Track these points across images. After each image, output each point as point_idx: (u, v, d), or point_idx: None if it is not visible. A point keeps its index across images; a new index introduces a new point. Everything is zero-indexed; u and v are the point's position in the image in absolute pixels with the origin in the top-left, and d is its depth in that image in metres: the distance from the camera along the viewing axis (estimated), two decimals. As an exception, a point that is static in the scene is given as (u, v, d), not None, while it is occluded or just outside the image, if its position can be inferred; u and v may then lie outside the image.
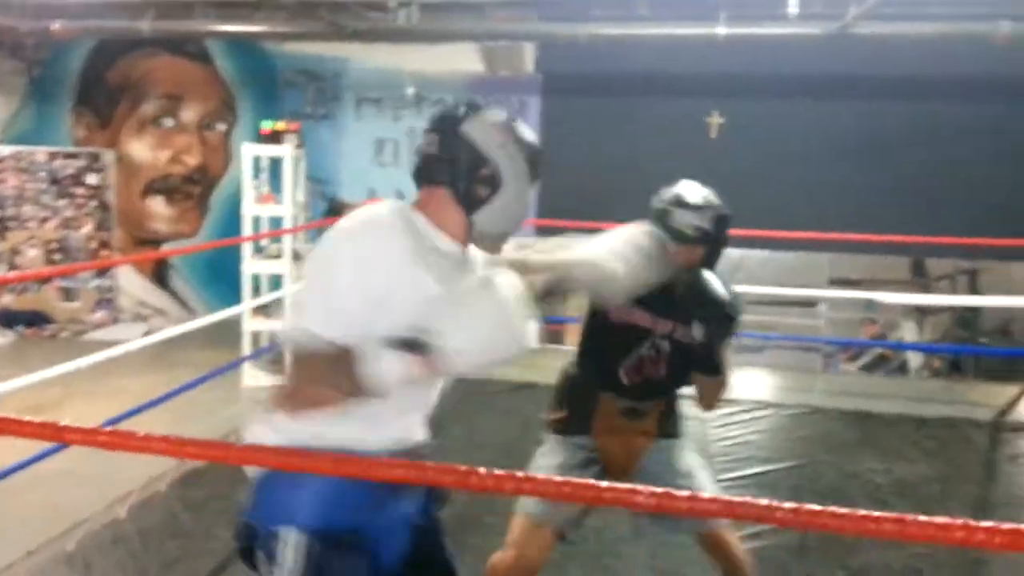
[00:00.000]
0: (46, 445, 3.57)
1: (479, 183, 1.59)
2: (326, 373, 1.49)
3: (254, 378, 5.69)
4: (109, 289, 7.92)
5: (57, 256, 7.64)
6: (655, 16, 6.32)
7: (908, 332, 6.94)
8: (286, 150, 5.86)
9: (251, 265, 5.83)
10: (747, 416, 5.44)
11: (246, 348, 5.83)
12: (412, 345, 1.43)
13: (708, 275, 2.37)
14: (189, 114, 7.88)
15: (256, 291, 6.01)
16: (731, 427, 5.24)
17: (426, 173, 1.64)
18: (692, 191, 2.48)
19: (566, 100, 7.36)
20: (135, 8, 6.78)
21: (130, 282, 8.07)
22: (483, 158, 1.59)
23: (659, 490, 1.36)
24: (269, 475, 1.61)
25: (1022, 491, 4.33)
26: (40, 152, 7.64)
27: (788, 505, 1.30)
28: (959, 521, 1.23)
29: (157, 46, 7.63)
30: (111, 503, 3.86)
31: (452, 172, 1.60)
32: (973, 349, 6.76)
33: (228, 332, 5.94)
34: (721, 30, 5.95)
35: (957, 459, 4.72)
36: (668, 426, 2.57)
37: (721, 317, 2.31)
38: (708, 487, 2.52)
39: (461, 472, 1.44)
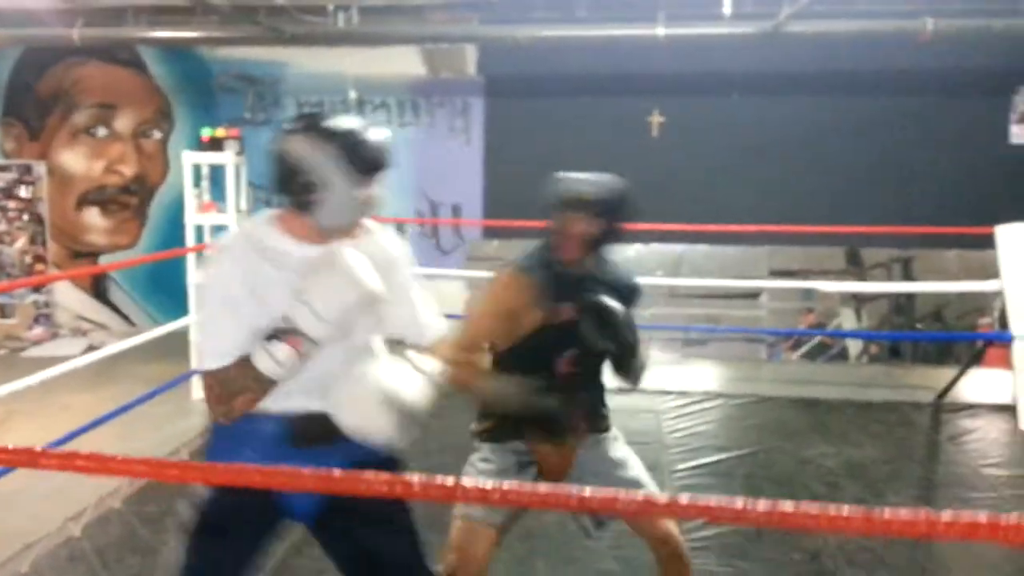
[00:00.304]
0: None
1: (302, 190, 1.78)
2: (236, 385, 1.78)
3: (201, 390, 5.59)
4: (46, 304, 7.70)
5: (-11, 272, 7.43)
6: (594, 18, 6.40)
7: (847, 320, 7.15)
8: (228, 157, 5.76)
9: (196, 276, 5.71)
10: (698, 407, 5.54)
11: (194, 359, 5.70)
12: (282, 333, 1.74)
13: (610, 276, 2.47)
14: (123, 122, 7.70)
15: (202, 301, 5.90)
16: (683, 418, 5.34)
17: (274, 191, 1.88)
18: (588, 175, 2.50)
19: (509, 101, 7.41)
20: (64, 15, 6.59)
21: (67, 296, 7.85)
22: (298, 168, 1.78)
23: (667, 497, 1.40)
24: (209, 444, 1.98)
25: (964, 469, 4.50)
26: (-33, 165, 7.40)
27: (762, 505, 1.33)
28: (922, 515, 1.29)
29: (87, 54, 7.44)
30: (64, 522, 3.74)
31: (281, 186, 1.83)
32: (911, 335, 7.00)
33: (174, 343, 5.80)
34: (660, 30, 6.04)
35: (902, 441, 4.89)
36: (597, 421, 2.55)
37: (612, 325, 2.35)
38: (642, 475, 2.55)
39: (448, 487, 1.46)
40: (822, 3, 5.55)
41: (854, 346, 7.08)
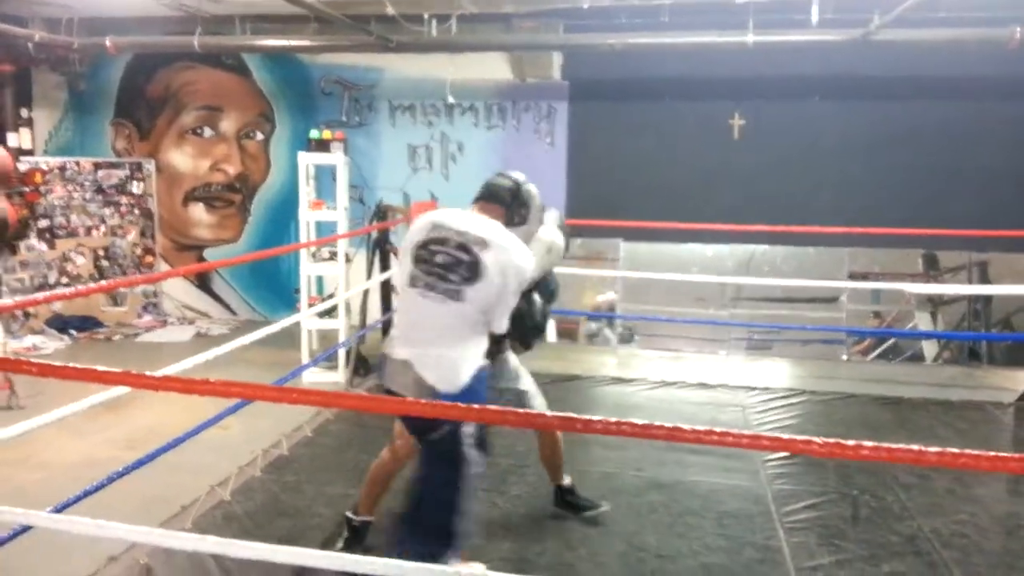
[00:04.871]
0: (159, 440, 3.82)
1: None
2: None
3: (313, 374, 5.96)
4: (154, 294, 8.19)
5: (104, 262, 7.91)
6: (678, 24, 6.62)
7: (923, 323, 7.25)
8: (339, 158, 6.13)
9: (308, 268, 6.10)
10: (782, 402, 5.74)
11: (304, 345, 6.09)
12: None
13: None
14: (228, 124, 8.15)
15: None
16: (769, 412, 5.54)
17: None
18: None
19: (592, 105, 7.66)
20: (183, 23, 7.05)
21: (173, 286, 8.35)
22: None
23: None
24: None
25: (1052, 463, 4.62)
26: (85, 162, 7.90)
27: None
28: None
29: (195, 59, 7.89)
30: (212, 488, 4.10)
31: None
32: (996, 336, 7.04)
33: (280, 333, 6.19)
34: (750, 38, 6.26)
35: (987, 437, 5.04)
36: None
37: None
38: (531, 386, 3.49)
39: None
40: (912, 11, 5.65)
41: (930, 349, 7.18)
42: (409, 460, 3.45)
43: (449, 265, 2.64)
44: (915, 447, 1.62)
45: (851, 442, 1.64)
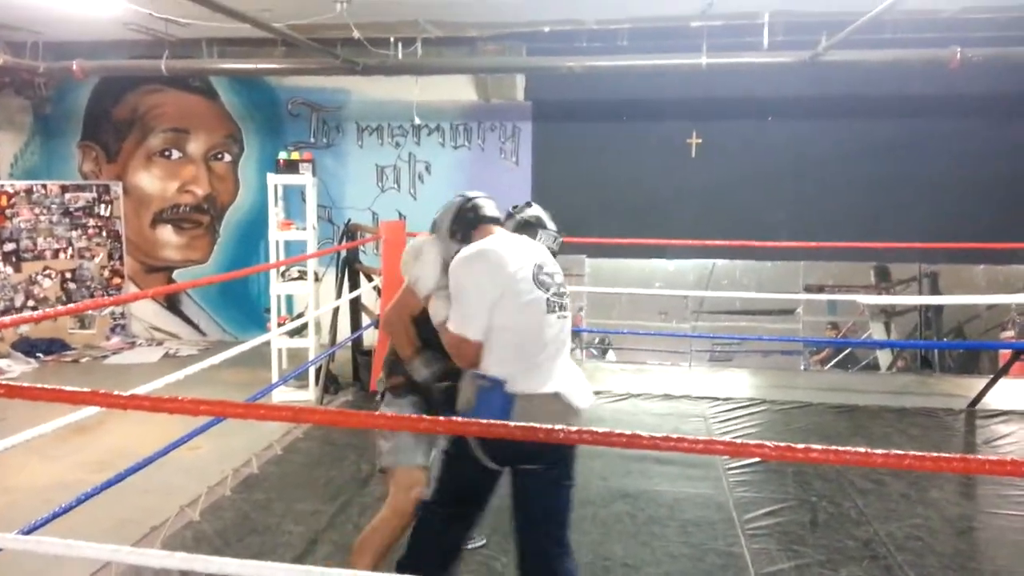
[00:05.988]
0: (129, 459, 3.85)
1: None
2: None
3: (283, 393, 6.02)
4: (122, 315, 8.18)
5: (71, 285, 7.90)
6: (636, 48, 6.83)
7: (877, 333, 7.49)
8: (307, 179, 6.21)
9: (277, 288, 6.16)
10: (743, 412, 5.91)
11: (274, 364, 6.14)
12: None
13: None
14: (195, 146, 8.19)
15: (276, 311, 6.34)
16: (730, 422, 5.71)
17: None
18: None
19: (555, 125, 7.83)
20: (150, 46, 7.11)
21: (142, 308, 8.34)
22: None
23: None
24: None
25: (997, 467, 4.81)
26: (52, 185, 7.90)
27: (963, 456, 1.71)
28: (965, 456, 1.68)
29: (163, 82, 7.93)
30: (182, 508, 4.15)
31: None
32: (950, 344, 7.29)
33: (248, 353, 6.24)
34: (704, 60, 6.47)
35: (939, 443, 5.22)
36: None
37: None
38: None
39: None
40: (858, 33, 5.88)
41: (884, 358, 7.41)
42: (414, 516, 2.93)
43: (562, 285, 2.70)
44: (862, 449, 1.71)
45: (801, 445, 1.75)
